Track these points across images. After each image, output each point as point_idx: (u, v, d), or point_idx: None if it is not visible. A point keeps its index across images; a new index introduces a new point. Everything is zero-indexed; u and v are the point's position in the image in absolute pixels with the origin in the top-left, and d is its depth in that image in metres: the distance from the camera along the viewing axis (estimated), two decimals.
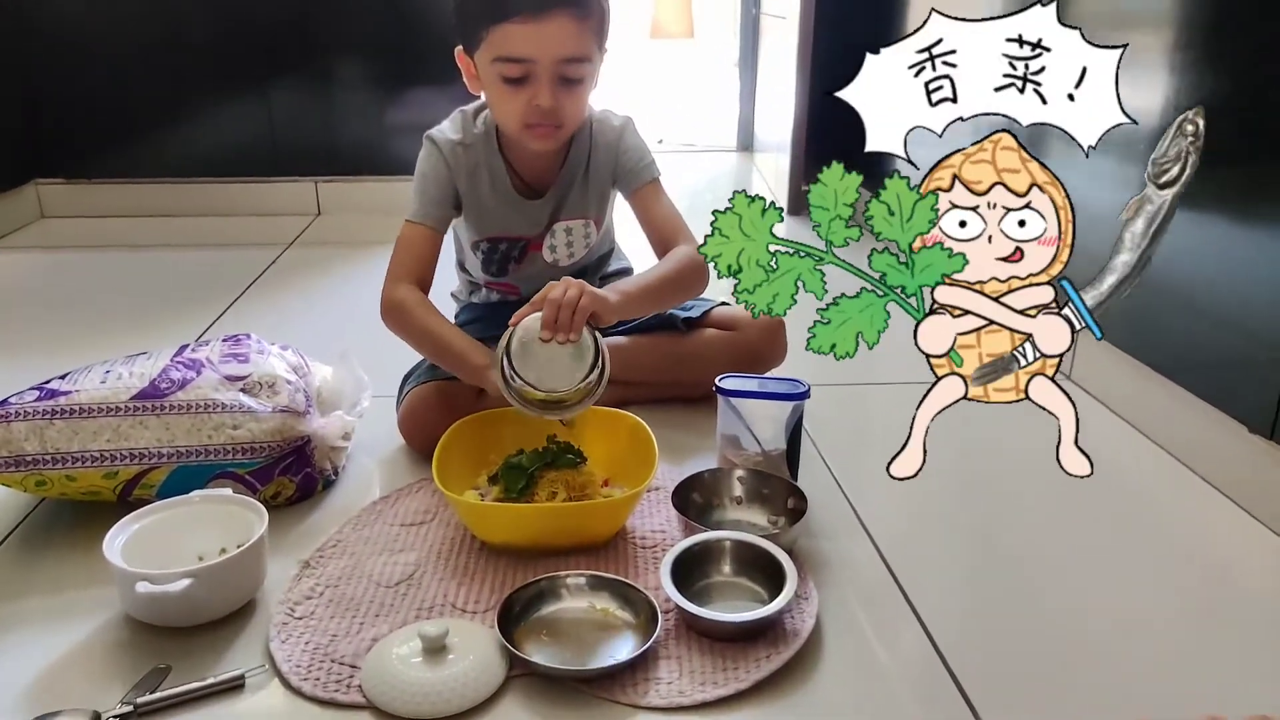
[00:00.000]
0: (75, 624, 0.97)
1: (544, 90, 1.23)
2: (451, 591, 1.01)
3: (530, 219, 1.40)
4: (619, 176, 1.43)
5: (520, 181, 1.39)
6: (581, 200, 1.42)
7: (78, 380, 1.16)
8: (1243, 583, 1.10)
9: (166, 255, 2.35)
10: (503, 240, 1.41)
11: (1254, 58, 1.21)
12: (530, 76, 1.23)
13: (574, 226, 1.43)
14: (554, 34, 1.21)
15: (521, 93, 1.24)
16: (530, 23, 1.20)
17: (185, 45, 2.57)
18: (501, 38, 1.22)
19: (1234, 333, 1.24)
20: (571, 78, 1.25)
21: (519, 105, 1.25)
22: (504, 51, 1.22)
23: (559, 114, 1.26)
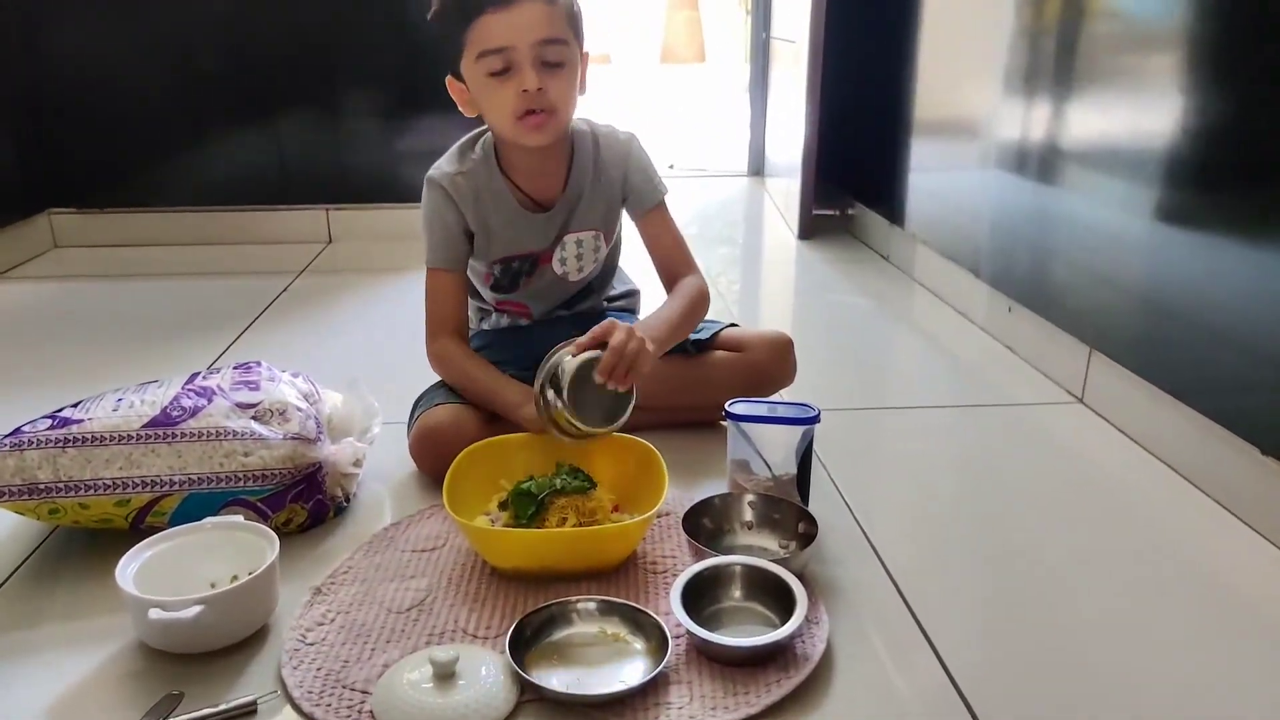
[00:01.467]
0: (88, 651, 0.97)
1: (528, 73, 1.27)
2: (462, 617, 1.01)
3: (540, 233, 1.42)
4: (628, 194, 1.45)
5: (525, 197, 1.40)
6: (591, 212, 1.44)
7: (90, 409, 1.17)
8: (1256, 606, 1.09)
9: (178, 284, 2.37)
10: (514, 259, 1.43)
11: (1258, 80, 1.21)
12: (513, 66, 1.27)
13: (584, 239, 1.45)
14: (526, 18, 1.25)
15: (508, 83, 1.28)
16: (501, 11, 1.24)
17: (196, 75, 2.60)
18: (478, 34, 1.26)
19: (1245, 355, 1.24)
20: (552, 61, 1.28)
21: (508, 96, 1.28)
22: (484, 45, 1.26)
23: (546, 96, 1.28)
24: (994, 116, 1.95)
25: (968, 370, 1.83)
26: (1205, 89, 1.30)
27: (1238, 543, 1.21)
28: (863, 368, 1.87)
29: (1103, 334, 1.56)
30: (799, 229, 2.78)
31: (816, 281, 2.46)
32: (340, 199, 2.72)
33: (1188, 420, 1.34)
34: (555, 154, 1.39)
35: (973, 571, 1.16)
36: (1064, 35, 1.69)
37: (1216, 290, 1.29)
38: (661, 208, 1.47)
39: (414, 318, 1.88)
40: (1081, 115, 1.63)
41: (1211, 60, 1.30)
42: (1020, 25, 1.84)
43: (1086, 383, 1.62)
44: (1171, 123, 1.36)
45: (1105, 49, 1.57)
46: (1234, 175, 1.27)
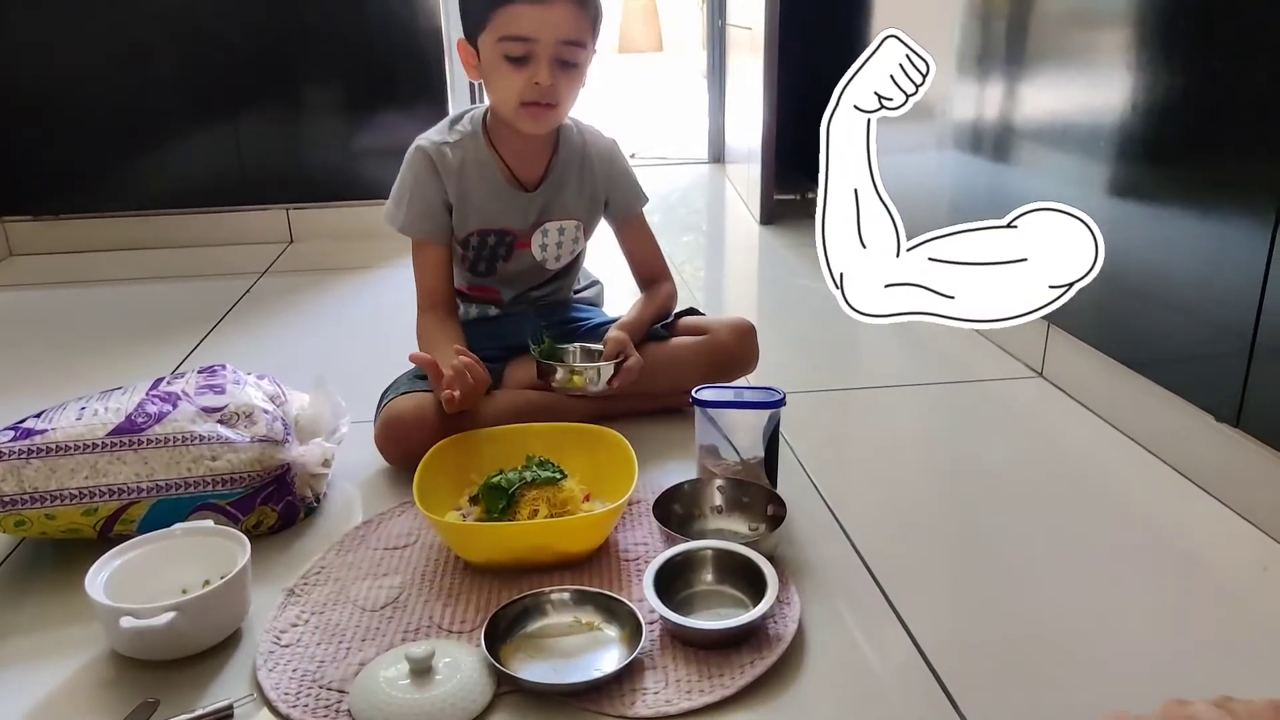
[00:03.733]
0: (61, 662, 0.97)
1: (544, 68, 1.30)
2: (437, 612, 1.02)
3: (520, 211, 1.44)
4: (610, 197, 1.50)
5: (510, 174, 1.43)
6: (576, 201, 1.47)
7: (53, 418, 1.16)
8: (1214, 568, 1.12)
9: (139, 289, 2.34)
10: (490, 233, 1.44)
11: (1203, 56, 1.23)
12: (531, 56, 1.30)
13: (566, 227, 1.48)
14: (557, 16, 1.28)
15: (523, 71, 1.31)
16: (537, 4, 1.27)
17: (150, 76, 2.56)
18: (508, 18, 1.28)
19: (1198, 324, 1.27)
20: (569, 60, 1.32)
21: (519, 83, 1.31)
22: (510, 31, 1.29)
23: (555, 93, 1.33)
24: (947, 97, 1.97)
25: (929, 349, 1.85)
26: (1154, 65, 1.33)
27: (1196, 508, 1.24)
28: (827, 350, 1.89)
29: (1060, 309, 1.58)
30: (761, 214, 2.80)
31: (780, 266, 2.48)
32: (301, 198, 2.70)
33: (1144, 391, 1.37)
34: (542, 139, 1.43)
35: (940, 547, 1.19)
36: (1015, 16, 1.71)
37: (1169, 263, 1.31)
38: (641, 217, 1.54)
39: (379, 315, 1.87)
40: (1034, 94, 1.65)
41: (1159, 37, 1.33)
42: (972, 7, 1.86)
43: (1045, 357, 1.64)
44: (1122, 99, 1.38)
45: (1055, 28, 1.60)
46: (1183, 150, 1.30)
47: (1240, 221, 1.18)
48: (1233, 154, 1.20)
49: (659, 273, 1.56)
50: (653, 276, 1.55)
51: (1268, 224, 1.12)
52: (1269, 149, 1.12)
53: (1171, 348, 1.33)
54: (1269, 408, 1.16)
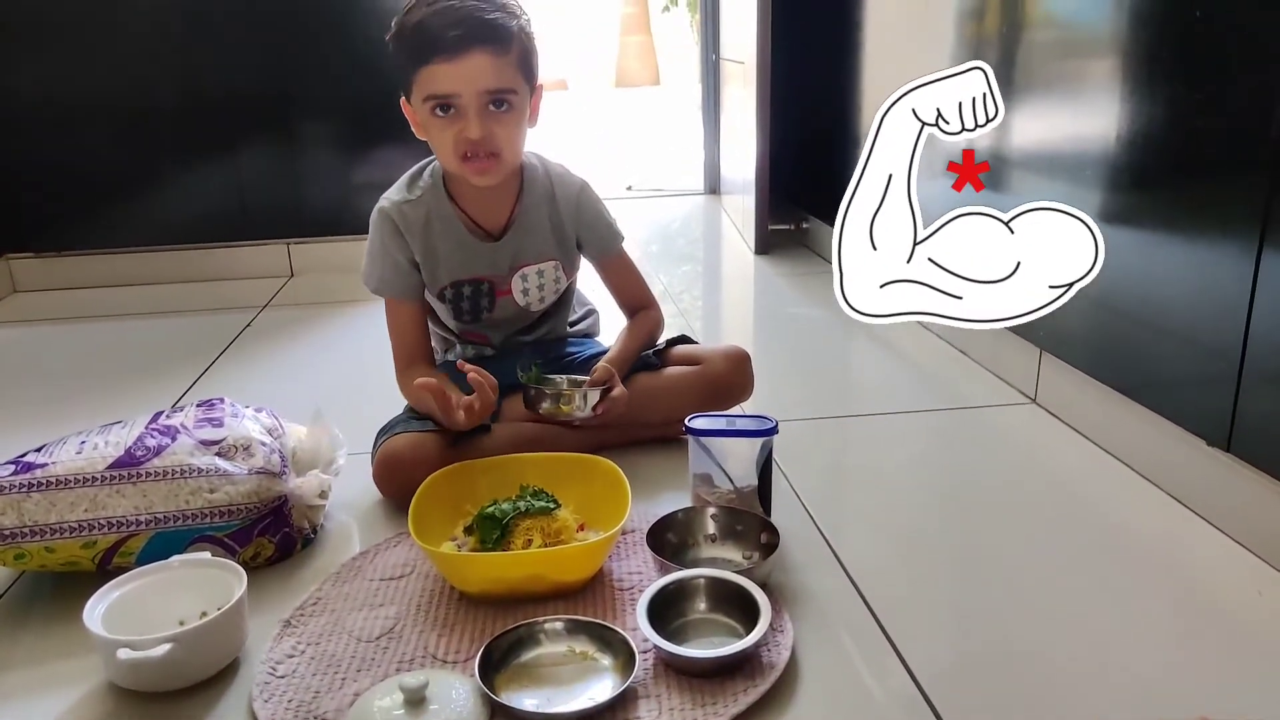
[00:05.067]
0: (59, 696, 0.97)
1: (471, 122, 1.31)
2: (431, 643, 1.02)
3: (488, 260, 1.44)
4: (585, 241, 1.51)
5: (473, 224, 1.43)
6: (545, 244, 1.47)
7: (53, 452, 1.17)
8: (1209, 592, 1.13)
9: (140, 323, 2.36)
10: (465, 283, 1.44)
11: (1186, 85, 1.26)
12: (458, 110, 1.31)
13: (545, 269, 1.47)
14: (473, 69, 1.29)
15: (452, 125, 1.31)
16: (450, 62, 1.28)
17: (152, 113, 2.59)
18: (427, 78, 1.30)
19: (1187, 349, 1.28)
20: (500, 104, 1.32)
21: (451, 138, 1.32)
22: (430, 90, 1.30)
23: (491, 142, 1.32)
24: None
25: (923, 376, 1.87)
26: (1144, 92, 1.35)
27: (1190, 533, 1.25)
28: (821, 377, 1.91)
29: (1052, 336, 1.60)
30: (756, 244, 2.82)
31: (774, 295, 2.50)
32: (300, 233, 2.73)
33: (1137, 416, 1.38)
34: (503, 187, 1.42)
35: (934, 574, 1.19)
36: (1004, 44, 1.74)
37: (1158, 289, 1.33)
38: (621, 252, 1.55)
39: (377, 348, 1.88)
40: (1024, 122, 1.67)
41: (1144, 66, 1.35)
42: (961, 37, 1.89)
43: (1039, 383, 1.66)
44: (1112, 126, 1.40)
45: (1044, 57, 1.62)
46: (1168, 176, 1.32)
47: (1225, 247, 1.19)
48: (1216, 180, 1.22)
49: (644, 302, 1.57)
50: (638, 306, 1.56)
51: (1251, 248, 1.14)
52: (1250, 175, 1.14)
53: (1162, 373, 1.34)
54: (1259, 432, 1.17)
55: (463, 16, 1.28)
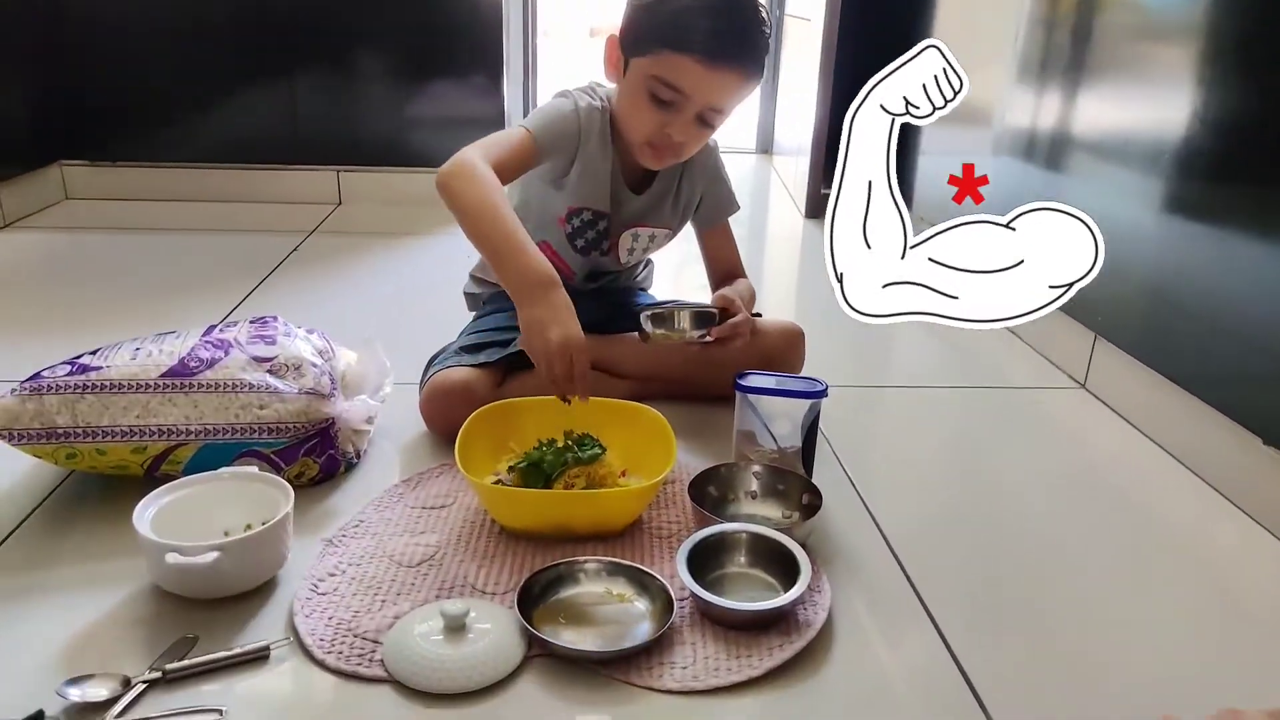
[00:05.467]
0: (104, 593, 0.99)
1: (684, 126, 1.29)
2: (472, 573, 1.03)
3: (622, 209, 1.42)
4: (704, 202, 1.50)
5: (622, 168, 1.42)
6: (672, 211, 1.48)
7: (108, 356, 1.18)
8: (1251, 592, 1.11)
9: (189, 239, 2.37)
10: (592, 212, 1.41)
11: (1270, 73, 1.22)
12: (676, 105, 1.27)
13: (657, 235, 1.49)
14: (720, 83, 1.26)
15: (661, 115, 1.28)
16: (704, 65, 1.24)
17: (210, 31, 2.60)
18: (671, 64, 1.25)
19: (1250, 346, 1.25)
20: (710, 121, 1.31)
21: (653, 124, 1.29)
22: (667, 76, 1.25)
23: (686, 147, 1.32)
24: (1006, 103, 1.95)
25: (972, 353, 1.85)
26: (1218, 81, 1.31)
27: (1236, 530, 1.23)
28: (867, 347, 1.89)
29: (1108, 321, 1.57)
30: (806, 208, 2.79)
31: (823, 260, 2.47)
32: (351, 161, 2.72)
33: (1190, 408, 1.36)
34: None
35: (971, 548, 1.18)
36: (1079, 23, 1.69)
37: (1223, 282, 1.30)
38: (727, 222, 1.54)
39: (424, 281, 1.88)
40: (1093, 104, 1.63)
41: (1225, 52, 1.31)
42: (1035, 12, 1.84)
43: (1090, 368, 1.63)
44: (1183, 114, 1.37)
45: (1119, 38, 1.58)
46: (1243, 169, 1.28)
47: None
48: None
49: (739, 271, 1.55)
50: (734, 275, 1.54)
51: None
52: None
53: (1222, 367, 1.32)
54: None
55: (742, 29, 1.25)
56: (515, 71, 2.89)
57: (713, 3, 1.23)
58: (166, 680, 0.87)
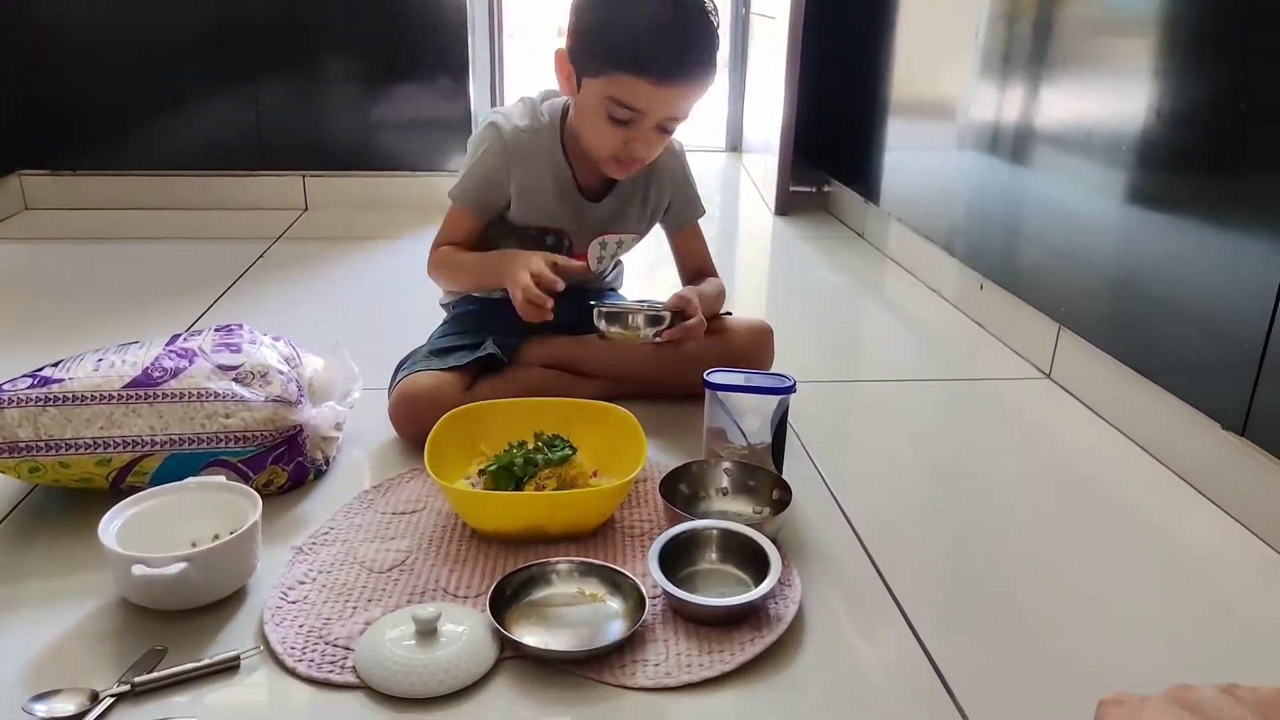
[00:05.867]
0: (70, 607, 0.98)
1: (645, 141, 1.31)
2: (443, 577, 1.03)
3: (583, 220, 1.43)
4: (673, 206, 1.51)
5: (575, 180, 1.42)
6: (639, 215, 1.48)
7: (70, 368, 1.17)
8: (1213, 573, 1.13)
9: (153, 248, 2.35)
10: (550, 232, 1.43)
11: (1232, 65, 1.24)
12: (635, 122, 1.28)
13: (625, 240, 1.50)
14: (675, 97, 1.27)
15: (622, 132, 1.30)
16: (657, 86, 1.25)
17: (172, 38, 2.57)
18: (625, 85, 1.25)
19: (1209, 334, 1.27)
20: (669, 129, 1.32)
21: (615, 141, 1.31)
22: (622, 98, 1.26)
23: (649, 157, 1.34)
24: (969, 97, 1.97)
25: (939, 345, 1.86)
26: (1176, 73, 1.33)
27: (1198, 514, 1.25)
28: (837, 341, 1.90)
29: (1072, 312, 1.59)
30: (776, 205, 2.80)
31: (792, 257, 2.49)
32: (317, 166, 2.70)
33: (1152, 396, 1.38)
34: None
35: (940, 539, 1.20)
36: (1040, 18, 1.71)
37: (1183, 271, 1.32)
38: (696, 224, 1.55)
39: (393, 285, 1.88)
40: (1055, 98, 1.65)
41: (1183, 45, 1.33)
42: (997, 7, 1.86)
43: (1054, 359, 1.65)
44: (1142, 106, 1.38)
45: (1079, 32, 1.60)
46: (1201, 160, 1.30)
47: (1257, 232, 1.18)
48: (1254, 165, 1.21)
49: (710, 271, 1.56)
50: (704, 275, 1.55)
51: None
52: None
53: (1182, 355, 1.34)
54: (1276, 418, 1.17)
55: (690, 48, 1.25)
56: (482, 72, 2.88)
57: (660, 23, 1.23)
58: (135, 693, 0.86)
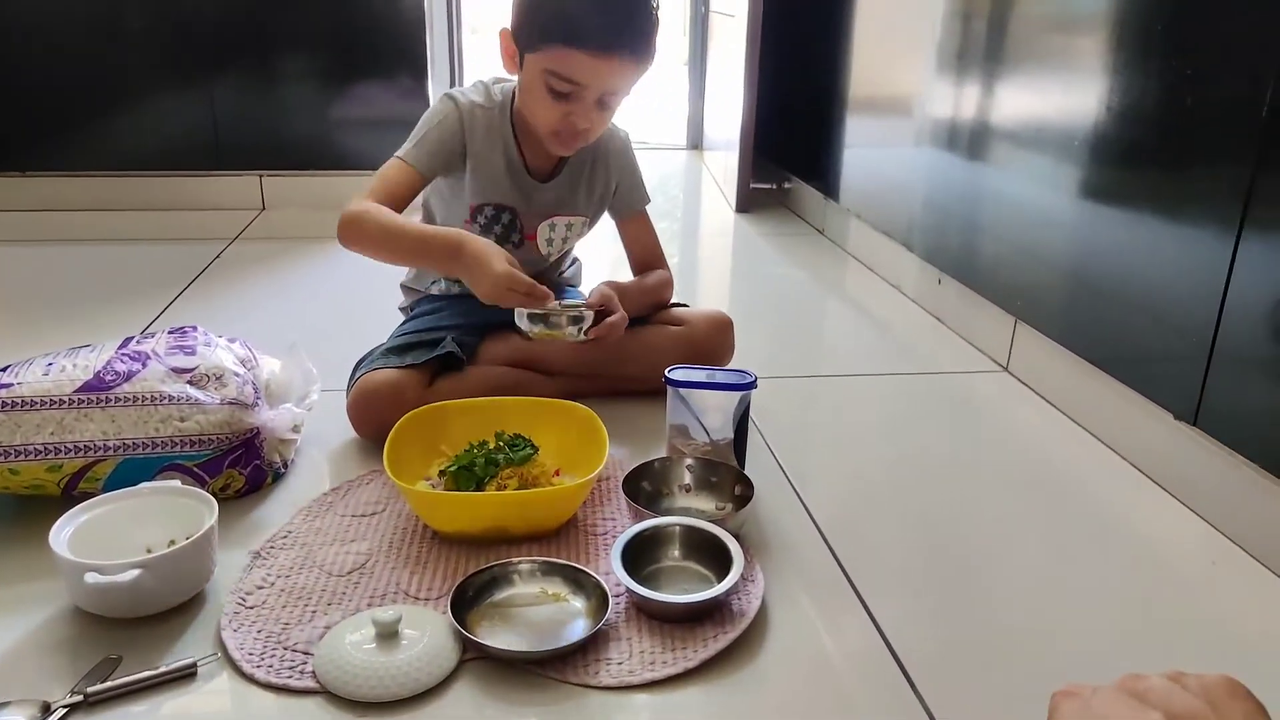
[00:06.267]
0: (21, 617, 0.96)
1: (585, 113, 1.31)
2: (404, 579, 1.02)
3: (531, 201, 1.44)
4: (619, 191, 1.52)
5: (523, 159, 1.43)
6: (587, 198, 1.49)
7: (19, 373, 1.14)
8: (1166, 560, 1.15)
9: (107, 249, 2.31)
10: (501, 209, 1.43)
11: (1179, 61, 1.26)
12: (573, 95, 1.29)
13: (574, 223, 1.49)
14: (613, 70, 1.27)
15: (562, 106, 1.30)
16: (594, 58, 1.25)
17: (125, 35, 2.52)
18: (563, 58, 1.26)
19: (1161, 325, 1.29)
20: (608, 104, 1.32)
21: (555, 115, 1.31)
22: (561, 70, 1.27)
23: (591, 131, 1.34)
24: (926, 95, 1.99)
25: (898, 340, 1.88)
26: (1127, 70, 1.35)
27: (1150, 502, 1.27)
28: (797, 337, 1.91)
29: (1028, 305, 1.61)
30: (736, 202, 2.81)
31: (753, 254, 2.50)
32: (274, 165, 2.67)
33: (1106, 387, 1.40)
34: None
35: (902, 531, 1.21)
36: (994, 16, 1.73)
37: (1134, 264, 1.34)
38: (644, 212, 1.55)
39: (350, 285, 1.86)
40: (1010, 95, 1.67)
41: (1131, 42, 1.35)
42: (952, 5, 1.88)
43: (1012, 352, 1.67)
44: (1095, 103, 1.40)
45: (1033, 30, 1.62)
46: (1153, 154, 1.33)
47: (1206, 226, 1.20)
48: (1201, 158, 1.23)
49: (656, 262, 1.57)
50: (652, 267, 1.56)
51: (1231, 229, 1.15)
52: (1235, 155, 1.15)
53: (1134, 347, 1.36)
54: (1226, 408, 1.19)
55: (627, 15, 1.26)
56: (441, 70, 2.87)
57: None
58: (89, 703, 0.84)
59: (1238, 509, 1.18)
